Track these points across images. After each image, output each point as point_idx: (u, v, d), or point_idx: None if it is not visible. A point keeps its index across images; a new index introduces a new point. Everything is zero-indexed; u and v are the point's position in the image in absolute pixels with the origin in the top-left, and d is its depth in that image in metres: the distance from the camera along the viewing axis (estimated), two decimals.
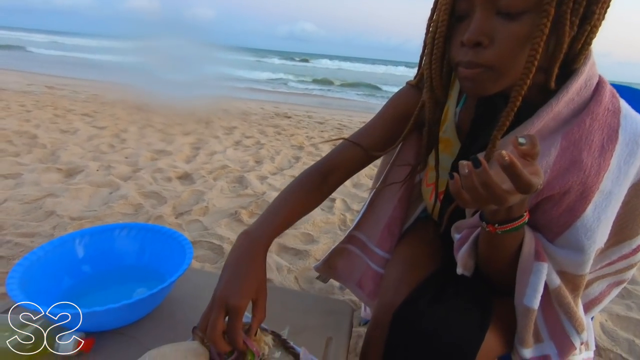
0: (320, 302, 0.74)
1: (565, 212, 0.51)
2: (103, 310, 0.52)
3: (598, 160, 0.49)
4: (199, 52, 9.24)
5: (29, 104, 4.28)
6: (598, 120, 0.50)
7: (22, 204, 1.81)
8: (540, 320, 0.56)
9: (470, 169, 0.41)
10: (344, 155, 0.72)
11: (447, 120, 0.68)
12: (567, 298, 0.53)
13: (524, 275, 0.53)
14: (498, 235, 0.50)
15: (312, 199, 0.69)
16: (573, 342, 0.53)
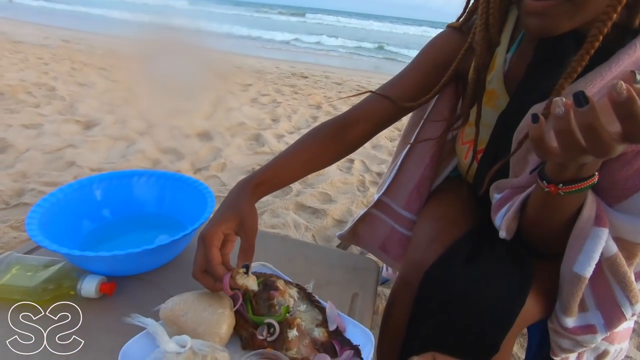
0: (344, 257, 0.71)
1: (634, 175, 0.44)
2: (124, 254, 0.50)
3: None
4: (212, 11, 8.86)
5: (47, 57, 4.24)
6: None
7: (43, 153, 1.82)
8: (587, 289, 0.51)
9: (568, 107, 0.33)
10: (370, 106, 0.66)
11: (494, 69, 0.60)
12: (624, 267, 0.47)
13: (579, 240, 0.48)
14: (559, 196, 0.44)
15: (325, 148, 0.64)
16: (624, 313, 0.49)
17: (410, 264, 0.60)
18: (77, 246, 0.60)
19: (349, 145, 0.66)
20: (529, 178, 0.52)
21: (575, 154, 0.35)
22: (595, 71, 0.45)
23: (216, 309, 0.47)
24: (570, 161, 0.38)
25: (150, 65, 4.39)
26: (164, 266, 0.61)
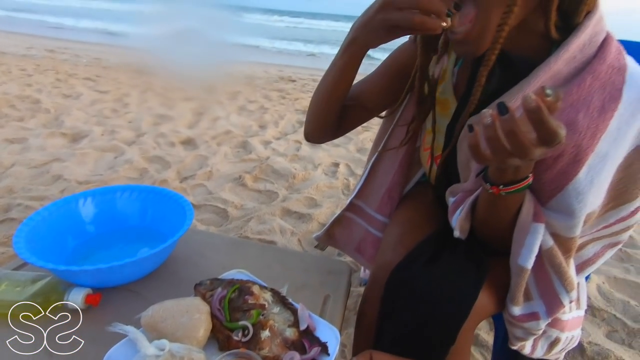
0: (320, 261, 0.76)
1: (558, 176, 0.50)
2: (107, 267, 0.54)
3: (596, 122, 0.47)
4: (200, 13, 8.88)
5: (30, 68, 4.22)
6: (600, 78, 0.47)
7: (29, 168, 1.84)
8: (532, 280, 0.57)
9: (494, 117, 0.38)
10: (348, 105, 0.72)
11: (445, 81, 0.66)
12: (559, 258, 0.53)
13: (521, 235, 0.54)
14: (501, 196, 0.49)
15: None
16: (562, 300, 0.55)
17: (379, 265, 0.65)
18: (63, 261, 0.63)
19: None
20: (475, 182, 0.57)
21: (503, 156, 0.40)
22: (518, 86, 0.50)
23: (193, 315, 0.51)
24: (503, 165, 0.43)
25: (138, 74, 4.39)
26: (147, 276, 0.65)
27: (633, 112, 0.47)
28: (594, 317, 1.25)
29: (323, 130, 0.74)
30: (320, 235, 0.90)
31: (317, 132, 0.75)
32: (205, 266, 0.71)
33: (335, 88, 0.64)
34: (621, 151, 0.49)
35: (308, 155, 2.32)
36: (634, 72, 0.48)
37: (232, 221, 1.57)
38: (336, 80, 0.63)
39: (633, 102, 0.47)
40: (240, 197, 1.77)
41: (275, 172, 2.03)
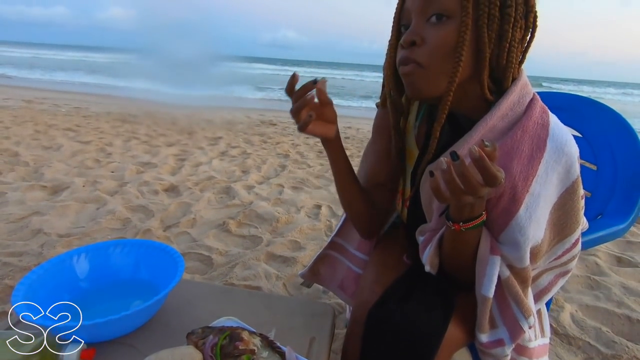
0: (304, 305, 0.80)
1: (501, 213, 0.59)
2: (104, 321, 0.57)
3: (527, 167, 0.57)
4: (183, 62, 9.21)
5: (7, 120, 4.21)
6: (528, 132, 0.58)
7: (7, 223, 1.81)
8: (495, 308, 0.63)
9: (449, 162, 0.48)
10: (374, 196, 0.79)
11: (409, 134, 0.76)
12: (516, 287, 0.60)
13: (482, 267, 0.61)
14: (462, 232, 0.58)
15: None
16: (522, 326, 0.61)
17: (358, 305, 0.70)
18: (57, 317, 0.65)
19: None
20: (438, 221, 0.66)
21: (459, 195, 0.49)
22: (463, 138, 0.61)
23: None
24: (460, 203, 0.52)
25: (120, 122, 4.45)
26: (139, 328, 0.68)
27: (556, 159, 0.58)
28: (570, 345, 1.30)
29: (365, 224, 0.80)
30: (305, 273, 0.95)
31: (362, 229, 0.81)
32: (195, 315, 0.74)
33: (341, 182, 0.74)
34: (551, 191, 0.58)
35: (290, 198, 2.38)
36: (555, 128, 0.59)
37: (217, 268, 1.58)
38: (336, 175, 0.73)
39: (556, 151, 0.58)
40: (224, 244, 1.79)
41: (259, 217, 2.07)
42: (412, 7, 0.58)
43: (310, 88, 0.59)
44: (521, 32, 0.57)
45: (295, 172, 2.99)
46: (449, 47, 0.56)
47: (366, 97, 11.56)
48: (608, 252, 1.90)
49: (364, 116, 7.40)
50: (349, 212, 0.79)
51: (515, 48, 0.57)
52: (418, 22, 0.58)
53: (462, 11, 0.54)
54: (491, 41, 0.56)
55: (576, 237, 0.62)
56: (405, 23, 0.61)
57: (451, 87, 0.57)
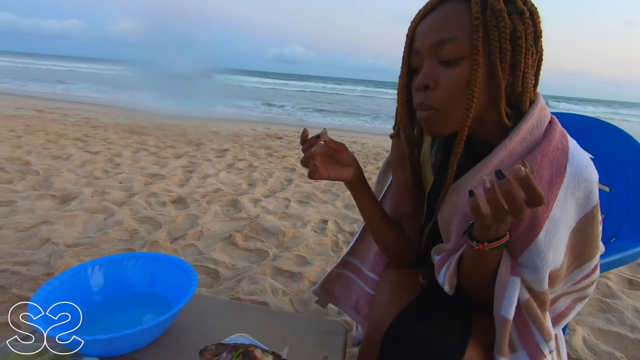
0: (316, 323, 0.80)
1: (521, 237, 0.59)
2: (119, 336, 0.56)
3: (547, 192, 0.57)
4: (189, 75, 9.38)
5: (19, 129, 4.29)
6: (548, 156, 0.58)
7: (16, 232, 1.82)
8: (514, 332, 0.62)
9: (493, 182, 0.48)
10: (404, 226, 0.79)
11: (424, 163, 0.77)
12: (535, 309, 0.59)
13: (501, 288, 0.60)
14: (484, 252, 0.57)
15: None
16: (542, 350, 0.60)
17: (372, 324, 0.69)
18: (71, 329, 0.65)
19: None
20: (456, 242, 0.65)
21: (502, 214, 0.48)
22: (481, 162, 0.61)
23: None
24: (495, 223, 0.51)
25: (129, 134, 4.51)
26: (152, 343, 0.67)
27: (576, 185, 0.58)
28: None
29: (402, 256, 0.79)
30: (317, 289, 0.93)
31: (399, 261, 0.80)
32: (206, 331, 0.73)
33: (370, 221, 0.75)
34: (570, 216, 0.58)
35: (297, 212, 2.38)
36: (574, 153, 0.60)
37: (223, 282, 1.57)
38: (364, 214, 0.74)
39: (575, 176, 0.58)
40: (231, 257, 1.79)
41: (266, 231, 2.07)
42: (422, 49, 0.59)
43: (314, 142, 0.63)
44: (533, 57, 0.58)
45: (301, 186, 2.99)
46: (463, 86, 0.57)
47: (372, 112, 11.65)
48: (619, 274, 1.87)
49: (369, 131, 7.45)
50: (383, 248, 0.79)
51: (528, 74, 0.58)
52: (429, 64, 0.59)
53: (473, 50, 0.55)
54: (505, 73, 0.57)
55: (595, 263, 0.62)
56: (415, 67, 0.62)
57: (466, 123, 0.58)
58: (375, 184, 0.97)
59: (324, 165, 0.65)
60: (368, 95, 20.46)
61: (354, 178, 0.70)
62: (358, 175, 0.71)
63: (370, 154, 4.63)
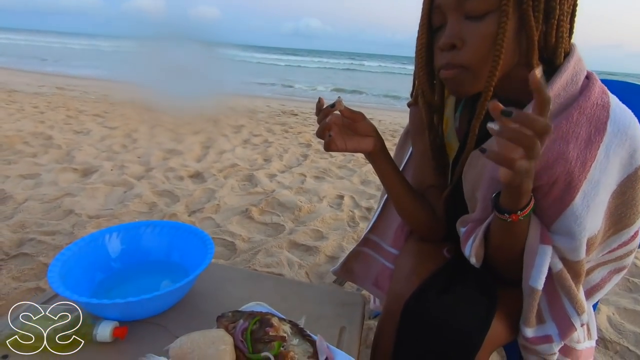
0: (334, 294, 0.78)
1: (555, 202, 0.54)
2: (137, 300, 0.56)
3: (584, 152, 0.52)
4: (204, 52, 9.30)
5: (42, 105, 4.38)
6: (586, 114, 0.52)
7: (42, 203, 1.88)
8: (544, 303, 0.59)
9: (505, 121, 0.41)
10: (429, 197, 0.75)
11: (448, 129, 0.72)
12: (569, 281, 0.56)
13: (530, 257, 0.56)
14: (513, 223, 0.53)
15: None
16: (573, 322, 0.57)
17: (392, 296, 0.67)
18: (89, 294, 0.66)
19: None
20: (482, 211, 0.61)
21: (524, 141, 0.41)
22: None
23: (219, 346, 0.53)
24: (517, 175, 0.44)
25: (145, 110, 4.55)
26: (168, 310, 0.67)
27: (618, 143, 0.52)
28: (606, 349, 1.23)
29: (432, 230, 0.76)
30: (338, 270, 0.92)
31: (424, 233, 0.77)
32: (223, 299, 0.73)
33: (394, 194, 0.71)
34: (612, 178, 0.53)
35: (313, 188, 2.36)
36: (616, 109, 0.54)
37: (240, 254, 1.58)
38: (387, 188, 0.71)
39: (617, 134, 0.52)
40: (247, 230, 1.80)
41: (281, 205, 2.06)
42: (445, 5, 0.53)
43: (329, 112, 0.59)
44: (569, 2, 0.52)
45: (317, 162, 2.96)
46: (491, 41, 0.51)
47: (389, 88, 11.34)
48: None
49: (386, 107, 7.27)
50: (410, 221, 0.75)
51: (563, 22, 0.52)
52: (453, 20, 0.53)
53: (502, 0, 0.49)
54: (538, 22, 0.51)
55: (635, 230, 0.57)
56: (437, 25, 0.56)
57: (492, 81, 0.52)
58: (394, 155, 0.93)
59: (340, 136, 0.61)
60: (385, 71, 19.93)
61: (374, 149, 0.65)
62: (378, 145, 0.66)
63: (387, 131, 4.52)
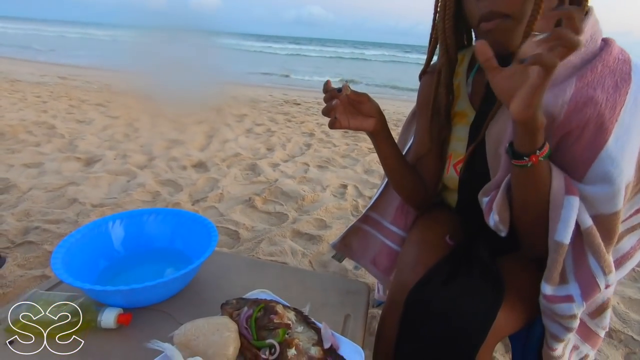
0: (338, 282, 0.78)
1: (588, 146, 0.53)
2: (141, 287, 0.56)
3: (613, 96, 0.52)
4: (205, 42, 9.20)
5: (45, 94, 4.37)
6: (609, 66, 0.54)
7: (46, 192, 1.88)
8: (570, 262, 0.56)
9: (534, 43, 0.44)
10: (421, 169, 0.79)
11: (460, 97, 0.72)
12: (598, 239, 0.53)
13: (556, 210, 0.54)
14: (534, 167, 0.52)
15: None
16: (598, 282, 0.54)
17: (397, 285, 0.66)
18: (94, 281, 0.66)
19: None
20: (505, 169, 0.59)
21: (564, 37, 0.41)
22: None
23: (223, 333, 0.53)
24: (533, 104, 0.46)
25: (147, 99, 4.52)
26: (173, 297, 0.67)
27: None
28: (611, 338, 1.23)
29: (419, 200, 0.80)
30: (337, 244, 0.92)
31: (416, 205, 0.82)
32: (228, 286, 0.73)
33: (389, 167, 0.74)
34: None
35: (316, 177, 2.35)
36: (638, 63, 0.55)
37: (243, 243, 1.59)
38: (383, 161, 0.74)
39: None
40: (250, 219, 1.80)
41: (285, 194, 2.06)
42: None
43: (336, 95, 0.62)
44: None
45: (320, 151, 2.95)
46: None
47: (392, 78, 11.21)
48: None
49: (389, 97, 7.19)
50: (401, 192, 0.79)
51: None
52: None
53: None
54: None
55: None
56: None
57: (532, 27, 0.52)
58: (400, 134, 0.94)
59: (344, 115, 0.64)
60: (388, 60, 19.66)
61: (375, 128, 0.67)
62: (380, 125, 0.68)
63: (390, 120, 4.48)
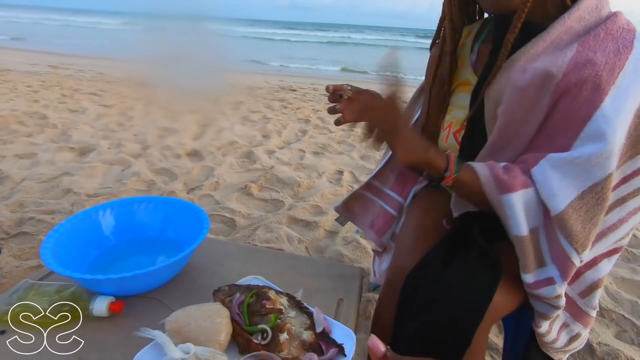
0: (331, 267, 0.78)
1: (584, 104, 0.54)
2: (131, 275, 0.56)
3: (613, 60, 0.54)
4: (196, 28, 9.01)
5: (36, 84, 4.29)
6: (612, 34, 0.55)
7: (39, 182, 1.87)
8: (545, 246, 0.58)
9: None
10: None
11: (463, 66, 0.74)
12: (569, 222, 0.54)
13: (500, 210, 0.57)
14: (455, 184, 0.59)
15: None
16: (573, 261, 0.56)
17: (394, 269, 0.67)
18: (85, 270, 0.66)
19: None
20: (500, 129, 0.62)
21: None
22: (537, 37, 0.58)
23: (215, 319, 0.53)
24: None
25: (141, 87, 4.46)
26: (165, 284, 0.67)
27: None
28: (602, 317, 1.25)
29: None
30: (339, 207, 0.94)
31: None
32: (221, 273, 0.73)
33: None
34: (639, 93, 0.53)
35: (312, 163, 2.34)
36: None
37: (240, 230, 1.59)
38: None
39: None
40: (246, 207, 1.80)
41: (281, 181, 2.05)
42: None
43: (337, 100, 0.67)
44: None
45: (316, 137, 2.93)
46: None
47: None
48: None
49: None
50: None
51: None
52: None
53: None
54: None
55: None
56: None
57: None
58: (406, 109, 0.94)
59: (349, 111, 0.67)
60: (385, 45, 19.36)
61: None
62: None
63: None
